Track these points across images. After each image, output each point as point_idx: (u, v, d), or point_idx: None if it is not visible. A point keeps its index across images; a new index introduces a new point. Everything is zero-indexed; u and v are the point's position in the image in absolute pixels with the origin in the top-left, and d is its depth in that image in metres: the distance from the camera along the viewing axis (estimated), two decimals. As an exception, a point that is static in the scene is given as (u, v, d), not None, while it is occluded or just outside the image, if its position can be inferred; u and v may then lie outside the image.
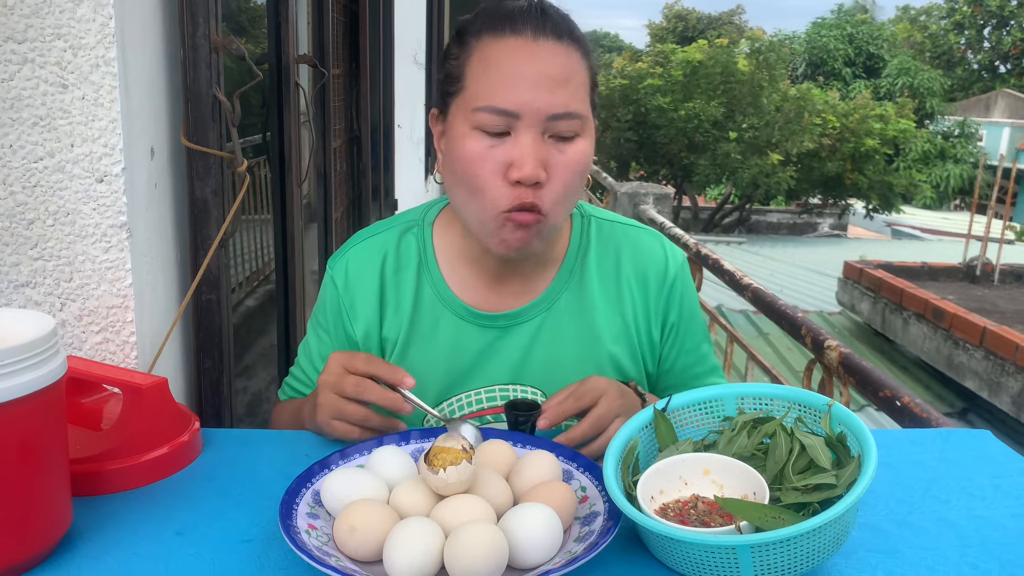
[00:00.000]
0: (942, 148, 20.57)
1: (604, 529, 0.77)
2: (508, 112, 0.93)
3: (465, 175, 0.97)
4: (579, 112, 0.96)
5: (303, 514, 0.79)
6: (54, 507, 0.76)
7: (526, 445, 0.93)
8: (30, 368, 0.71)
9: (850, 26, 24.52)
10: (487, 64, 0.95)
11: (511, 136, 0.94)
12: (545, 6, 0.98)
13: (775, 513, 0.73)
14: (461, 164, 0.97)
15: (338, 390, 0.94)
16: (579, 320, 1.10)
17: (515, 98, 0.93)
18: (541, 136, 0.95)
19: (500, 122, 0.94)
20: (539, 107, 0.93)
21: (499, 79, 0.94)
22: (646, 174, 15.40)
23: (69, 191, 1.02)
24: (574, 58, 0.97)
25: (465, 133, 0.96)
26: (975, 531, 0.85)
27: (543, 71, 0.94)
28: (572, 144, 0.97)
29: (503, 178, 0.95)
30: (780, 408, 0.88)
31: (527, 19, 0.96)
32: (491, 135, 0.95)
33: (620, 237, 1.14)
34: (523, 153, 0.93)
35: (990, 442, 1.07)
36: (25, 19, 0.97)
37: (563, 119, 0.95)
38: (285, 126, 1.67)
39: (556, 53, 0.95)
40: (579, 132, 0.97)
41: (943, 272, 6.96)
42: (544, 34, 0.96)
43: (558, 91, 0.94)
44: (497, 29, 0.96)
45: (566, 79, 0.95)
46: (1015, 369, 4.76)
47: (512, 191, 0.95)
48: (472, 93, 0.96)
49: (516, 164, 0.93)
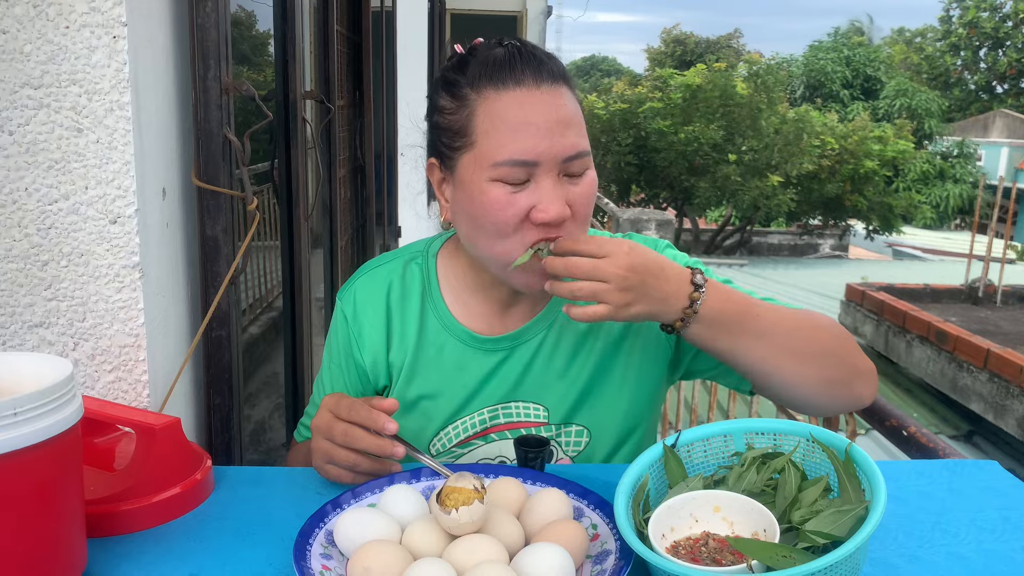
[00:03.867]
0: (941, 168, 20.66)
1: (616, 568, 0.77)
2: (528, 163, 0.96)
3: (490, 223, 0.99)
4: (587, 149, 1.01)
5: (316, 554, 0.80)
6: (71, 550, 0.77)
7: (536, 482, 0.93)
8: (48, 413, 0.72)
9: (847, 49, 24.73)
10: (496, 118, 0.97)
11: (531, 182, 0.97)
12: (533, 49, 1.01)
13: (786, 552, 0.74)
14: (484, 213, 0.99)
15: (328, 436, 0.95)
16: (581, 334, 1.11)
17: (532, 148, 0.96)
18: (558, 177, 0.98)
19: (522, 173, 0.97)
20: (555, 153, 0.97)
21: (513, 132, 0.97)
22: (647, 197, 15.47)
23: (83, 232, 1.04)
24: (569, 97, 1.01)
25: (484, 186, 0.98)
26: (985, 566, 0.85)
27: (551, 117, 0.97)
28: (584, 178, 1.01)
29: (526, 221, 0.98)
30: (789, 443, 0.89)
31: (524, 67, 0.98)
32: (511, 184, 0.97)
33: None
34: (547, 197, 0.97)
35: (998, 473, 1.07)
36: (41, 65, 1.00)
37: (575, 159, 0.99)
38: (293, 161, 1.69)
39: (556, 96, 0.99)
40: (588, 166, 1.02)
41: (945, 294, 6.97)
42: (543, 79, 0.98)
43: (567, 133, 0.98)
44: (497, 81, 0.98)
45: (571, 120, 0.99)
46: (1020, 391, 4.75)
47: (536, 231, 0.98)
48: (486, 148, 0.98)
49: (541, 207, 0.97)
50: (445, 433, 1.12)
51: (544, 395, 1.11)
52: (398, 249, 1.19)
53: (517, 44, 1.02)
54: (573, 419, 1.12)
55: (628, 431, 1.14)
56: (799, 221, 16.93)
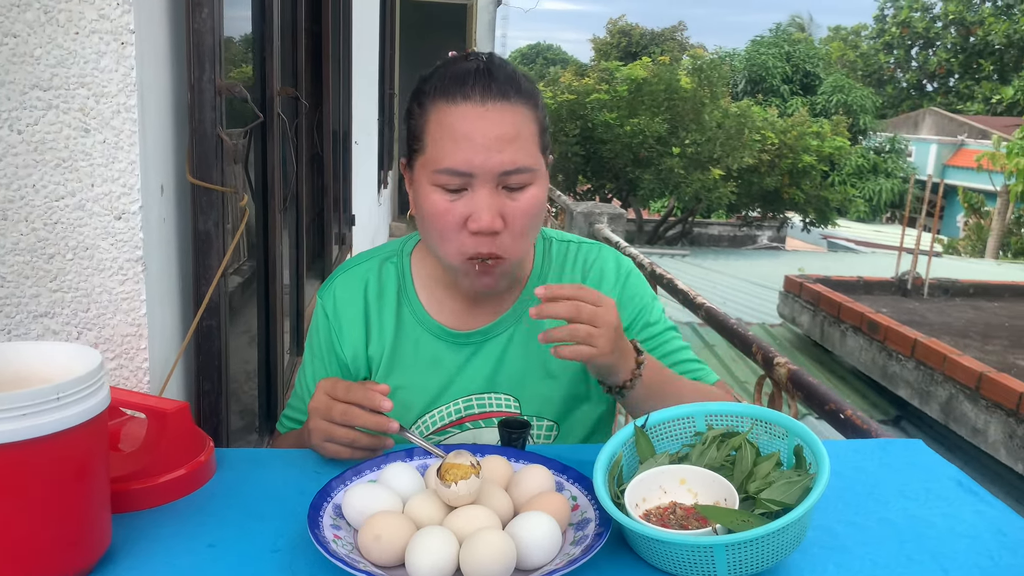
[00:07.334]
0: (874, 163, 21.41)
1: (597, 533, 0.87)
2: (463, 173, 1.05)
3: (432, 226, 1.09)
4: (528, 166, 1.07)
5: (327, 525, 0.88)
6: (101, 525, 0.84)
7: (519, 460, 1.03)
8: (85, 398, 0.79)
9: (787, 44, 25.33)
10: (442, 129, 1.06)
11: (468, 191, 1.06)
12: (493, 68, 1.08)
13: (744, 517, 0.85)
14: (427, 216, 1.09)
15: (326, 416, 1.03)
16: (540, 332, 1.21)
17: (468, 160, 1.04)
18: (495, 189, 1.06)
19: (457, 181, 1.06)
20: (491, 167, 1.05)
21: (453, 143, 1.05)
22: (593, 188, 15.68)
23: (88, 228, 1.09)
24: (521, 114, 1.07)
25: (428, 190, 1.08)
26: (911, 529, 0.98)
27: (492, 133, 1.05)
28: (524, 192, 1.08)
29: (464, 228, 1.07)
30: (744, 424, 1.01)
31: (475, 84, 1.06)
32: (450, 191, 1.06)
33: (576, 254, 1.26)
34: (480, 207, 1.05)
35: (922, 451, 1.21)
36: (51, 68, 1.05)
37: (513, 174, 1.06)
38: (268, 156, 1.74)
39: (504, 113, 1.06)
40: (530, 182, 1.08)
41: (877, 286, 7.29)
42: (491, 97, 1.06)
43: (507, 149, 1.05)
44: (448, 95, 1.06)
45: (514, 137, 1.06)
46: (943, 378, 5.05)
47: (472, 239, 1.07)
48: (432, 155, 1.07)
49: (474, 217, 1.05)
50: (423, 421, 1.20)
51: (516, 388, 1.21)
52: (373, 248, 1.27)
53: (483, 60, 1.09)
54: (544, 413, 1.21)
55: (592, 428, 1.25)
56: (739, 213, 17.36)
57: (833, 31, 36.97)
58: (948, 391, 5.05)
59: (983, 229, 17.94)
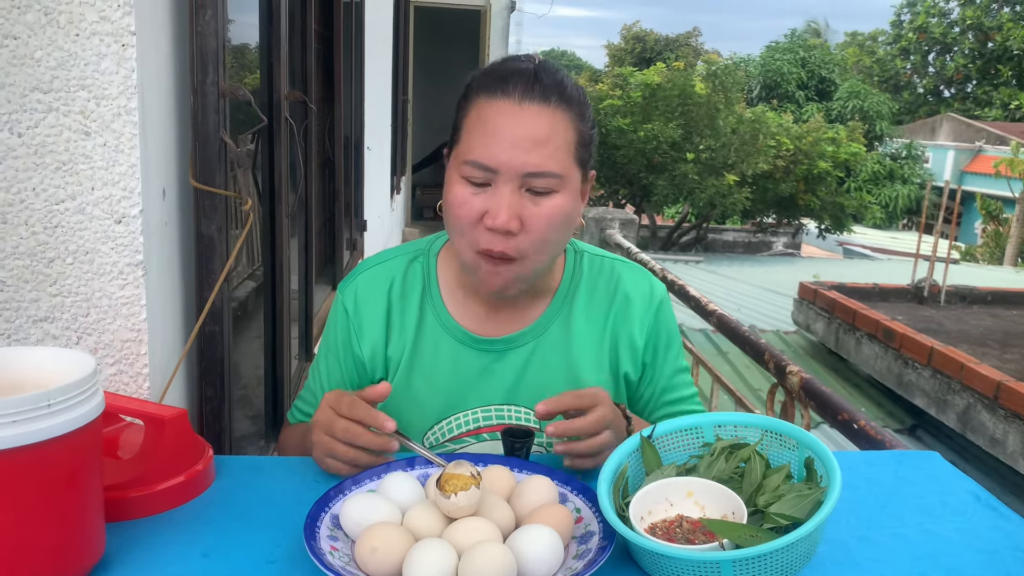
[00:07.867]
0: (891, 169, 21.23)
1: (600, 547, 0.85)
2: (487, 167, 1.04)
3: (451, 217, 1.08)
4: (555, 171, 1.05)
5: (324, 536, 0.87)
6: (94, 534, 0.82)
7: (523, 470, 1.01)
8: (77, 405, 0.77)
9: (803, 50, 25.20)
10: (476, 122, 1.06)
11: (492, 188, 1.05)
12: (540, 70, 1.07)
13: (753, 531, 0.82)
14: (448, 207, 1.08)
15: (329, 432, 1.01)
16: (563, 349, 1.19)
17: (495, 156, 1.03)
18: (518, 190, 1.05)
19: (481, 175, 1.04)
20: (516, 165, 1.03)
21: (483, 137, 1.04)
22: (606, 193, 15.63)
23: (88, 231, 1.08)
24: (559, 119, 1.06)
25: (454, 180, 1.07)
26: (925, 545, 0.95)
27: (522, 132, 1.03)
28: (548, 199, 1.06)
29: (480, 223, 1.05)
30: (754, 435, 0.98)
31: (517, 82, 1.05)
32: (474, 184, 1.05)
33: (608, 270, 1.24)
34: (498, 204, 1.04)
35: (938, 463, 1.18)
36: (51, 71, 1.04)
37: (538, 177, 1.04)
38: (276, 160, 1.73)
39: (540, 115, 1.05)
40: (556, 189, 1.06)
41: (893, 293, 7.20)
42: (530, 97, 1.05)
43: (535, 151, 1.04)
44: (490, 90, 1.06)
45: (545, 140, 1.04)
46: (960, 387, 4.97)
47: (487, 235, 1.05)
48: (463, 146, 1.07)
49: (491, 213, 1.04)
50: (439, 427, 1.18)
51: (536, 402, 1.18)
52: (401, 246, 1.26)
53: (534, 62, 1.09)
54: None
55: None
56: (753, 219, 17.26)
57: (850, 36, 36.78)
58: (965, 400, 4.97)
59: (1001, 236, 17.73)
